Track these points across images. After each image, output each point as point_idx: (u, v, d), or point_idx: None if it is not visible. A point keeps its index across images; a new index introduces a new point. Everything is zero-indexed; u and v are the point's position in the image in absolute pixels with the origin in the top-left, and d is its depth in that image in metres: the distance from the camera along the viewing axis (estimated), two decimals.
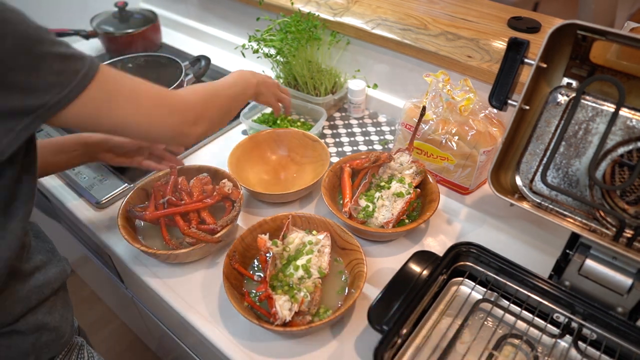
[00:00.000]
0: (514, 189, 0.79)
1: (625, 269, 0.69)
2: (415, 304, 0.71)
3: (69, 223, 1.24)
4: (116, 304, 1.66)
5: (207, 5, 1.60)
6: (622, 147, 0.68)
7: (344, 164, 0.97)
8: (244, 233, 0.83)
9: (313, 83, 1.22)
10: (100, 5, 1.62)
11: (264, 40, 1.20)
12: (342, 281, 0.82)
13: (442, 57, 1.07)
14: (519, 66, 0.72)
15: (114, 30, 1.50)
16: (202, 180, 0.91)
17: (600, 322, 0.69)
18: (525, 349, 0.71)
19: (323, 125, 1.06)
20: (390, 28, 1.17)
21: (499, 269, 0.76)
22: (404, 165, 0.95)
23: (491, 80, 0.97)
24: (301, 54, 1.18)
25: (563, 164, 0.73)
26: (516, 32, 1.12)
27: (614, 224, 0.71)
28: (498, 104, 0.77)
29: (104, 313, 1.87)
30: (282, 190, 1.00)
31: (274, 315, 0.70)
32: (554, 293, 0.72)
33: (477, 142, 0.93)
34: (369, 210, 0.89)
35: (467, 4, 1.25)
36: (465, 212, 0.98)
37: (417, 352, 0.71)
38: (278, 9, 1.30)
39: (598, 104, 0.69)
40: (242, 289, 0.80)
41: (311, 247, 0.81)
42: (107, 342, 1.79)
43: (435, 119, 0.96)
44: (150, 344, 1.62)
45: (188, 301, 0.82)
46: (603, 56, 0.68)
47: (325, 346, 0.75)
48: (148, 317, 1.21)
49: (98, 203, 1.00)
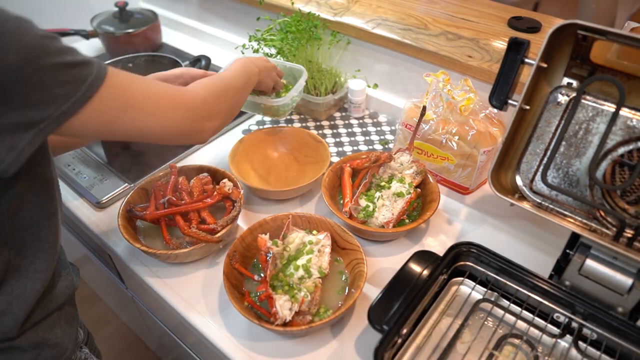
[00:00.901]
0: (514, 188, 0.79)
1: (626, 269, 0.69)
2: (415, 304, 0.71)
3: (69, 223, 1.24)
4: (116, 303, 1.66)
5: (207, 5, 1.60)
6: (622, 147, 0.68)
7: (344, 163, 0.97)
8: (244, 233, 0.83)
9: (313, 83, 1.22)
10: (101, 5, 1.62)
11: (264, 40, 1.20)
12: (342, 281, 0.82)
13: (443, 57, 1.07)
14: (519, 66, 0.72)
15: (114, 30, 1.50)
16: (202, 180, 0.91)
17: (600, 322, 0.69)
18: (525, 349, 0.71)
19: (303, 85, 1.06)
20: (391, 28, 1.17)
21: (499, 269, 0.76)
22: (404, 165, 0.95)
23: (491, 80, 0.97)
24: (301, 54, 1.18)
25: (563, 164, 0.73)
26: (516, 32, 1.12)
27: (614, 223, 0.71)
28: (498, 104, 0.77)
29: (104, 313, 1.87)
30: (282, 188, 1.00)
31: (274, 315, 0.70)
32: (554, 293, 0.72)
33: (477, 142, 0.93)
34: (369, 210, 0.89)
35: (467, 3, 1.25)
36: (465, 212, 0.98)
37: (417, 352, 0.71)
38: (278, 9, 1.30)
39: (598, 103, 0.69)
40: (242, 289, 0.80)
41: (311, 247, 0.81)
42: (107, 342, 1.79)
43: (435, 119, 0.96)
44: (150, 343, 1.62)
45: (188, 301, 0.82)
46: (603, 56, 0.68)
47: (326, 346, 0.75)
48: (148, 317, 1.21)
49: (98, 203, 1.00)
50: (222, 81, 0.77)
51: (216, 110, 0.72)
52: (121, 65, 1.24)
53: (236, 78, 0.82)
